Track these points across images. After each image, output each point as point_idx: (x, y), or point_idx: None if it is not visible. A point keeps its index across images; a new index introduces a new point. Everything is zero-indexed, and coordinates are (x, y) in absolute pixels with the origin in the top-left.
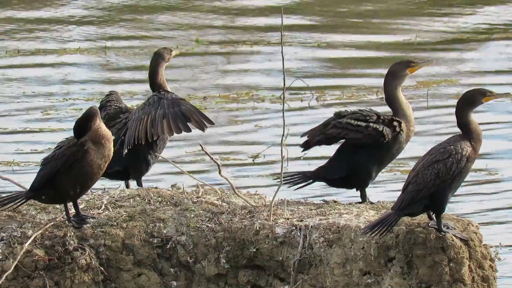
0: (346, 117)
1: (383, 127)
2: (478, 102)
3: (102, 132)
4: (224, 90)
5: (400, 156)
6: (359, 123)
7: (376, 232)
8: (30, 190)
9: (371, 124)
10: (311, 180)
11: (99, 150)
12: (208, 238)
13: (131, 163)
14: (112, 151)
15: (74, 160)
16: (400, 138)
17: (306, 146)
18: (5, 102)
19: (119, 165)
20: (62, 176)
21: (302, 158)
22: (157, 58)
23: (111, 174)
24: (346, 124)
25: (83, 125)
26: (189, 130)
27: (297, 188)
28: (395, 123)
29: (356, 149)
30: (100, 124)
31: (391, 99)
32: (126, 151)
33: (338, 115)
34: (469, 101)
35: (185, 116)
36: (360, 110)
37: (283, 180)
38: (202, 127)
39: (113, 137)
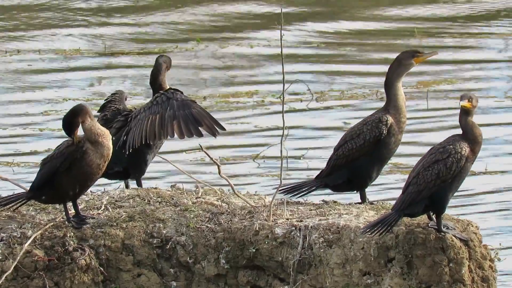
0: (341, 149)
1: (376, 129)
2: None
3: (97, 131)
4: (224, 90)
5: (400, 156)
6: (354, 142)
7: (376, 231)
8: (30, 190)
9: (367, 137)
10: (314, 188)
11: (97, 150)
12: (207, 238)
13: (132, 163)
14: (111, 150)
15: (73, 160)
16: (392, 130)
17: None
18: (5, 102)
19: (119, 166)
20: (61, 176)
21: (301, 158)
22: (160, 62)
23: (110, 174)
24: (348, 152)
25: (70, 120)
26: (200, 134)
27: (301, 196)
28: (384, 122)
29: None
30: (92, 123)
31: (388, 85)
32: (130, 150)
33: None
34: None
35: (196, 120)
36: (347, 131)
37: (287, 193)
38: (213, 133)
39: (112, 137)
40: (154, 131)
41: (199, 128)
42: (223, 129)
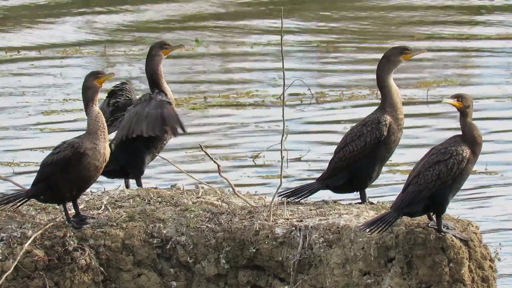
0: (342, 151)
1: (376, 131)
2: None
3: (103, 121)
4: (224, 90)
5: (400, 156)
6: (355, 144)
7: (375, 229)
8: (30, 190)
9: (368, 139)
10: (315, 191)
11: (96, 148)
12: (208, 238)
13: (129, 162)
14: (108, 150)
15: (71, 164)
16: (392, 129)
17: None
18: (5, 103)
19: (115, 164)
20: (59, 179)
21: (301, 158)
22: (154, 55)
23: (107, 172)
24: (349, 154)
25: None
26: (161, 133)
27: (302, 199)
28: (383, 123)
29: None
30: (100, 111)
31: (381, 83)
32: (113, 147)
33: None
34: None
35: (163, 120)
36: (347, 133)
37: (289, 197)
38: (174, 133)
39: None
40: (129, 128)
41: (165, 127)
42: (184, 131)
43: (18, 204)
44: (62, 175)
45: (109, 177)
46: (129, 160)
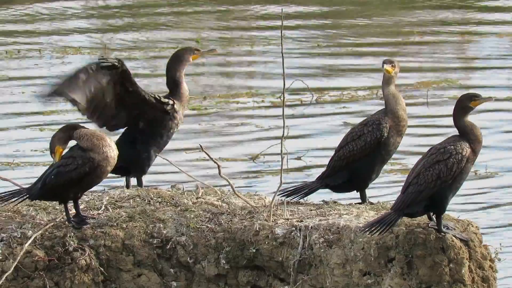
0: (342, 150)
1: (377, 131)
2: (466, 107)
3: (95, 135)
4: (224, 90)
5: (400, 156)
6: (355, 143)
7: (375, 231)
8: (33, 189)
9: (368, 139)
10: (315, 189)
11: (106, 155)
12: (208, 238)
13: (133, 161)
14: (116, 150)
15: (86, 177)
16: (391, 132)
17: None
18: (5, 102)
19: (119, 162)
20: (70, 189)
21: (301, 158)
22: (183, 56)
23: None
24: (348, 153)
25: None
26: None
27: (302, 198)
28: (383, 124)
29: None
30: (85, 131)
31: (382, 92)
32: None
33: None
34: (459, 106)
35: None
36: (348, 132)
37: (289, 196)
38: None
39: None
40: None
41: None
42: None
43: (18, 201)
44: (75, 187)
45: (111, 172)
46: (135, 159)
